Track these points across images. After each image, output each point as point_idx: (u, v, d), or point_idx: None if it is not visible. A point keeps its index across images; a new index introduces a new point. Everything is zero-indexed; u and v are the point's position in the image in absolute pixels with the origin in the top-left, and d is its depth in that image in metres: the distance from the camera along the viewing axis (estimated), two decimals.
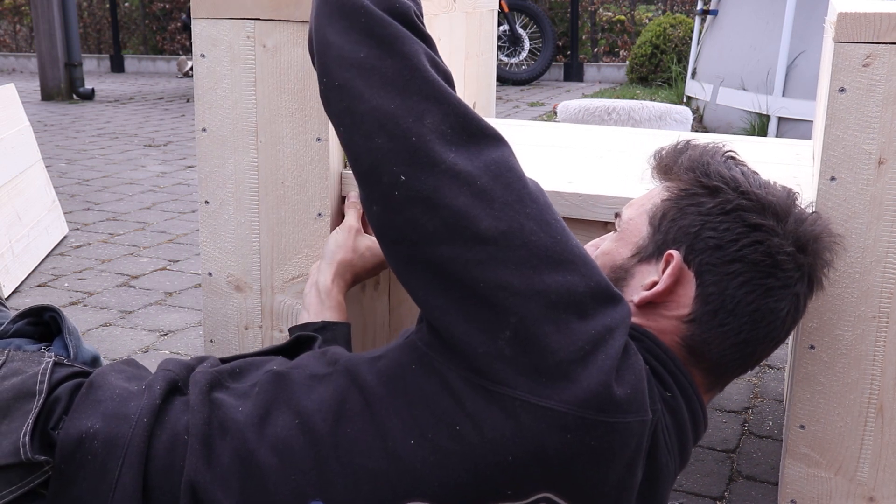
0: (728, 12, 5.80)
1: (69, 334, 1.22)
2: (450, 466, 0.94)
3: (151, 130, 5.89)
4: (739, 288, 1.07)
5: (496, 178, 0.98)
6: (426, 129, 0.97)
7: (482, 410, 0.93)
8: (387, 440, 0.96)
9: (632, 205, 1.20)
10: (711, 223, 1.09)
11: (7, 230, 2.83)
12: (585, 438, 0.92)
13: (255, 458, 0.98)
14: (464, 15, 2.04)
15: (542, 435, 0.91)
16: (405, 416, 0.96)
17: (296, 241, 1.54)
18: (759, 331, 1.09)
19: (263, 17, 1.47)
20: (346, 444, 0.97)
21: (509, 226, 0.96)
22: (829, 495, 1.40)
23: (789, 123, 4.91)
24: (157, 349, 2.32)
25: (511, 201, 0.97)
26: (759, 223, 1.08)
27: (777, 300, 1.08)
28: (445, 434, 0.94)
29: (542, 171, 1.59)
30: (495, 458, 0.93)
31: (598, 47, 9.71)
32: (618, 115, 3.98)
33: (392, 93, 0.99)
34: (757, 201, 1.09)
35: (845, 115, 1.28)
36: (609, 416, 0.92)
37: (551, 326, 0.93)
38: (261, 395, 1.04)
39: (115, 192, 4.08)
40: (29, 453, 0.99)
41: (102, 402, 1.05)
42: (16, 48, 11.38)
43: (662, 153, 1.21)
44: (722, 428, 1.94)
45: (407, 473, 0.95)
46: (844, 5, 1.35)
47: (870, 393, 1.35)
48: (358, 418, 0.98)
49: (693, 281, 1.08)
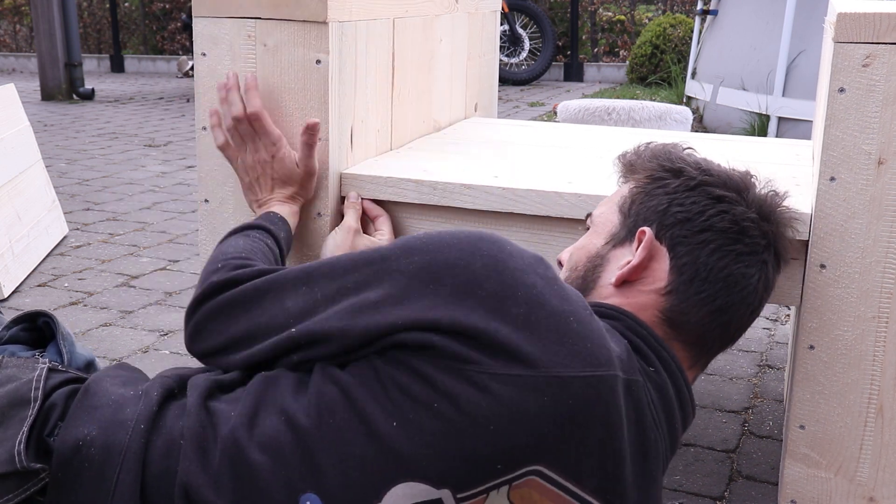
0: (728, 12, 5.80)
1: (63, 339, 1.22)
2: (435, 444, 0.94)
3: (151, 130, 5.89)
4: (711, 255, 1.13)
5: None
6: None
7: (454, 387, 0.94)
8: (370, 425, 0.96)
9: (601, 204, 1.27)
10: (678, 199, 1.16)
11: (7, 230, 2.83)
12: (562, 397, 0.94)
13: (246, 457, 0.98)
14: (466, 16, 2.04)
15: (517, 401, 0.93)
16: (383, 402, 0.97)
17: (295, 240, 1.54)
18: (733, 296, 1.13)
19: (264, 16, 1.47)
20: (331, 435, 0.97)
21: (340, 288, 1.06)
22: (829, 496, 1.40)
23: (789, 123, 4.91)
24: (157, 349, 2.32)
25: (317, 284, 1.08)
26: (723, 195, 1.15)
27: (747, 266, 1.14)
28: (424, 413, 0.95)
29: (542, 171, 1.59)
30: (477, 430, 0.94)
31: (598, 47, 9.72)
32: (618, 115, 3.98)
33: None
34: (718, 177, 1.18)
35: (845, 116, 1.28)
36: (577, 371, 0.95)
37: (476, 316, 0.96)
38: (250, 396, 1.04)
39: (115, 192, 4.08)
40: (25, 461, 0.98)
41: (98, 408, 1.04)
42: (16, 48, 11.38)
43: (626, 155, 1.28)
44: (722, 428, 1.94)
45: (393, 456, 0.95)
46: (844, 5, 1.35)
47: (870, 393, 1.35)
48: (339, 409, 0.98)
49: (666, 255, 1.14)
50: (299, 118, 1.49)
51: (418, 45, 1.80)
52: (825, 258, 1.33)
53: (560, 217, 1.45)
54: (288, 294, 1.08)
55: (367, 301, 1.01)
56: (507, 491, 0.96)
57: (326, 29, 1.44)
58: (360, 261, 1.05)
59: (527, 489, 0.96)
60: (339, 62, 1.48)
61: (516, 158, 1.70)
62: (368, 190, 1.53)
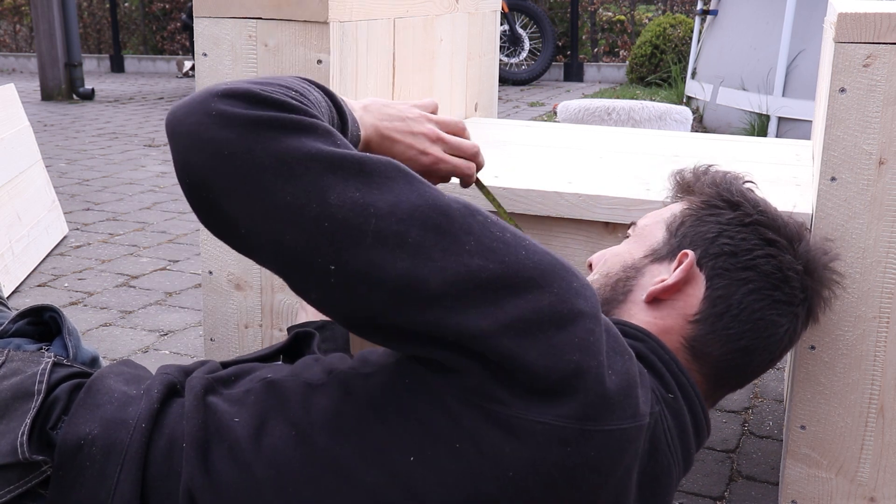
0: (728, 12, 5.80)
1: (69, 335, 1.22)
2: (450, 484, 0.92)
3: (151, 130, 5.90)
4: (748, 295, 1.10)
5: (424, 226, 0.91)
6: (334, 207, 0.89)
7: (479, 427, 0.91)
8: (385, 456, 0.94)
9: (649, 215, 1.23)
10: (729, 232, 1.13)
11: (7, 230, 2.83)
12: (585, 449, 0.91)
13: (252, 471, 0.97)
14: (466, 16, 2.04)
15: (542, 449, 0.90)
16: (402, 434, 0.94)
17: None
18: (758, 340, 1.11)
19: (265, 16, 1.47)
20: (343, 460, 0.95)
21: (456, 273, 0.90)
22: (829, 496, 1.40)
23: (789, 123, 4.91)
24: (157, 349, 2.32)
25: (448, 246, 0.91)
26: (775, 239, 1.13)
27: (780, 314, 1.12)
28: (444, 451, 0.92)
29: (542, 171, 1.59)
30: (495, 474, 0.91)
31: (598, 47, 9.72)
32: (618, 115, 3.98)
33: (283, 185, 0.90)
34: (773, 221, 1.15)
35: (845, 116, 1.28)
36: (607, 425, 0.92)
37: (533, 352, 0.90)
38: (256, 405, 1.02)
39: (115, 192, 4.08)
40: (27, 453, 0.98)
41: (101, 406, 1.04)
42: (16, 48, 11.38)
43: (683, 173, 1.25)
44: (722, 428, 1.94)
45: (407, 491, 0.93)
46: (844, 5, 1.35)
47: (870, 393, 1.35)
48: (354, 435, 0.96)
49: (703, 283, 1.11)
50: None
51: (418, 45, 1.80)
52: None
53: (560, 217, 1.45)
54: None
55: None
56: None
57: (327, 29, 1.44)
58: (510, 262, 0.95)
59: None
60: (339, 62, 1.48)
61: (516, 158, 1.70)
62: None
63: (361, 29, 1.55)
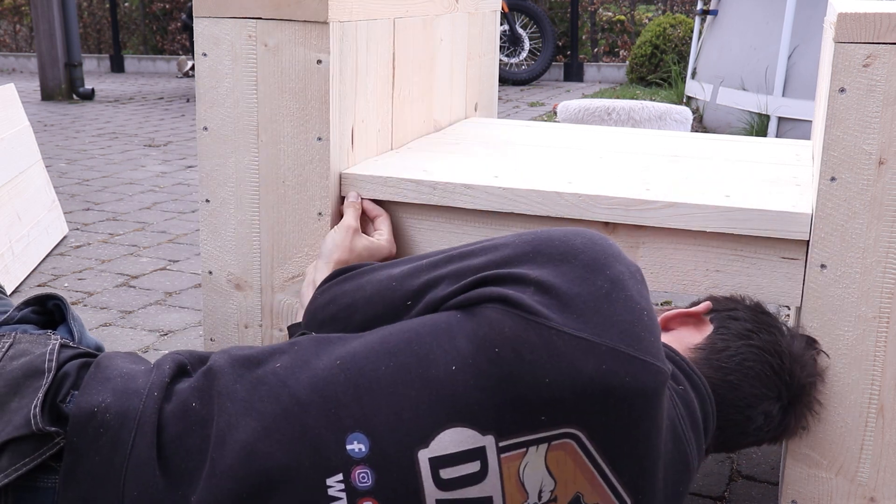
0: (728, 12, 5.80)
1: (73, 321, 1.25)
2: (489, 388, 0.98)
3: (151, 130, 5.89)
4: (745, 347, 1.23)
5: None
6: None
7: (520, 335, 0.98)
8: (430, 368, 1.00)
9: None
10: (750, 335, 1.26)
11: (7, 230, 2.83)
12: (619, 372, 0.97)
13: (295, 395, 1.01)
14: (466, 16, 2.04)
15: (579, 360, 0.97)
16: (447, 346, 1.01)
17: (296, 240, 1.54)
18: (743, 386, 1.21)
19: (265, 16, 1.47)
20: (388, 377, 1.01)
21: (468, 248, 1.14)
22: (829, 496, 1.40)
23: (789, 123, 4.91)
24: (157, 349, 2.32)
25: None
26: (781, 352, 1.25)
27: (763, 375, 1.23)
28: (485, 357, 0.99)
29: (542, 171, 1.59)
30: (533, 379, 0.97)
31: (598, 47, 9.72)
32: (618, 115, 3.98)
33: None
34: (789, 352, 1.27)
35: (845, 116, 1.28)
36: (639, 353, 0.99)
37: (561, 279, 1.02)
38: (301, 350, 1.08)
39: (115, 192, 4.08)
40: (40, 423, 1.01)
41: (111, 379, 1.07)
42: (16, 48, 11.38)
43: None
44: None
45: (448, 398, 0.98)
46: (844, 5, 1.35)
47: (870, 393, 1.35)
48: (402, 353, 1.02)
49: (711, 330, 1.26)
50: (300, 118, 1.49)
51: (419, 45, 1.80)
52: (826, 258, 1.33)
53: (560, 217, 1.45)
54: (394, 266, 1.20)
55: (470, 265, 1.09)
56: (545, 450, 0.99)
57: (327, 29, 1.44)
58: (470, 244, 1.15)
59: (563, 453, 0.99)
60: (339, 62, 1.48)
61: (516, 158, 1.70)
62: (368, 190, 1.53)
63: (361, 29, 1.55)
